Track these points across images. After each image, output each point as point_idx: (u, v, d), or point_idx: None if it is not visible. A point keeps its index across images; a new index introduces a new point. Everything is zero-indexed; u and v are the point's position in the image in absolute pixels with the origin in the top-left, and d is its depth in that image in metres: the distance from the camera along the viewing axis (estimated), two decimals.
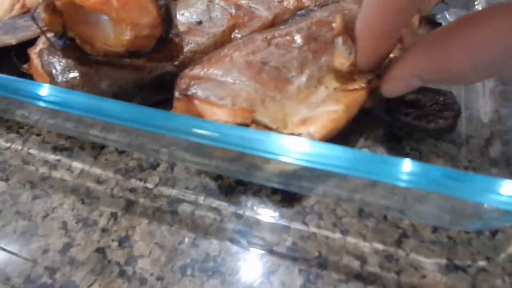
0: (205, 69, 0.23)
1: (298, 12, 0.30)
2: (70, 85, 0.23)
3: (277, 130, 0.21)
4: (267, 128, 0.21)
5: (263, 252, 0.22)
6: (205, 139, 0.17)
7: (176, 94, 0.22)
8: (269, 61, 0.24)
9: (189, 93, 0.21)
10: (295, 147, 0.16)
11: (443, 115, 0.25)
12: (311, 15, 0.27)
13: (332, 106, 0.22)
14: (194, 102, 0.21)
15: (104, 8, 0.20)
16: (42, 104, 0.19)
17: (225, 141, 0.16)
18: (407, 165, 0.15)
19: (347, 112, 0.22)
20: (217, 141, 0.17)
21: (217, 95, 0.21)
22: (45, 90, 0.19)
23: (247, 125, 0.21)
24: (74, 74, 0.23)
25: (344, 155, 0.16)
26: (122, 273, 0.22)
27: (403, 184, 0.15)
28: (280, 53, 0.24)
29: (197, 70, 0.23)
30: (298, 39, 0.25)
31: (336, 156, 0.16)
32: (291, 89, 0.23)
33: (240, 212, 0.24)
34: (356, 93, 0.23)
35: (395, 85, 0.21)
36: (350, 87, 0.23)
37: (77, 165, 0.26)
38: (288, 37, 0.25)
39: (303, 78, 0.24)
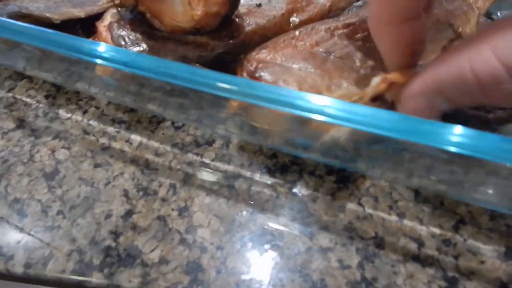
0: (272, 54, 0.23)
1: (355, 3, 0.30)
2: None
3: None
4: None
5: (319, 229, 0.22)
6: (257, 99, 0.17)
7: (244, 75, 0.22)
8: (332, 51, 0.24)
9: (257, 75, 0.22)
10: (353, 109, 0.16)
11: (501, 106, 0.25)
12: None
13: None
14: None
15: None
16: (115, 65, 0.20)
17: (268, 100, 0.17)
18: (460, 130, 0.15)
19: None
20: (265, 100, 0.17)
21: (284, 80, 0.22)
22: (119, 51, 0.20)
23: None
24: (142, 47, 0.24)
25: (397, 117, 0.16)
26: (182, 241, 0.22)
27: (455, 150, 0.15)
28: (343, 44, 0.25)
29: (263, 55, 0.24)
30: (361, 30, 0.25)
31: (388, 118, 0.16)
32: (357, 77, 0.23)
33: (295, 190, 0.24)
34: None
35: (412, 105, 0.17)
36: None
37: (135, 137, 0.27)
38: (350, 29, 0.26)
39: (368, 69, 0.24)
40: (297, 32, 0.25)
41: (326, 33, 0.25)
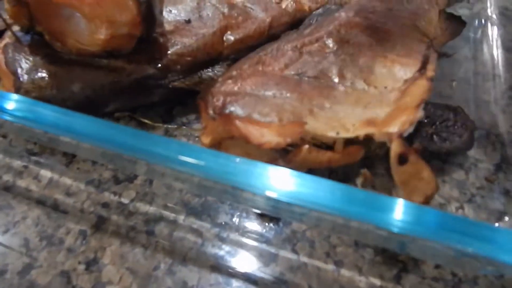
0: (239, 84, 0.21)
1: (315, 12, 0.27)
2: (37, 86, 0.21)
3: (337, 137, 0.19)
4: (323, 138, 0.20)
5: (247, 283, 0.20)
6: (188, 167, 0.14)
7: (211, 113, 0.20)
8: (305, 72, 0.22)
9: (227, 111, 0.19)
10: (275, 181, 0.14)
11: (456, 132, 0.23)
12: (335, 16, 0.25)
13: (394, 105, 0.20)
14: (235, 122, 0.19)
15: (74, 3, 0.18)
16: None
17: (204, 171, 0.14)
18: (399, 209, 0.13)
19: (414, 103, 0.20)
20: (198, 169, 0.14)
21: (260, 111, 0.19)
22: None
23: (297, 145, 0.19)
24: (42, 74, 0.21)
25: (332, 194, 0.14)
26: None
27: (395, 230, 0.13)
28: (315, 61, 0.23)
29: (230, 86, 0.21)
30: (331, 43, 0.23)
31: (322, 194, 0.13)
32: (338, 94, 0.21)
33: (224, 235, 0.21)
34: (417, 85, 0.21)
35: None
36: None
37: (45, 173, 0.24)
38: (319, 43, 0.23)
39: (347, 83, 0.22)
40: (261, 55, 0.23)
41: (294, 53, 0.23)
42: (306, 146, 0.18)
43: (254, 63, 0.22)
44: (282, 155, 0.19)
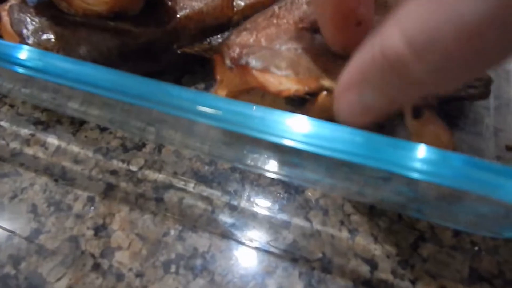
0: (254, 36, 0.20)
1: None
2: (43, 48, 0.20)
3: None
4: None
5: (258, 250, 0.19)
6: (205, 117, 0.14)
7: (227, 63, 0.19)
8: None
9: (243, 62, 0.19)
10: (289, 127, 0.13)
11: (472, 84, 0.22)
12: None
13: None
14: (252, 71, 0.18)
15: None
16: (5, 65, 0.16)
17: (217, 119, 0.13)
18: (420, 152, 0.12)
19: None
20: (213, 119, 0.14)
21: (276, 65, 0.19)
22: (9, 48, 0.16)
23: (316, 93, 0.18)
24: (48, 35, 0.20)
25: (347, 136, 0.13)
26: (96, 267, 0.19)
27: (415, 175, 0.12)
28: None
29: (245, 37, 0.20)
30: None
31: (336, 137, 0.13)
32: None
33: (235, 203, 0.21)
34: None
35: (344, 102, 0.14)
36: None
37: (52, 141, 0.23)
38: None
39: None
40: (276, 9, 0.22)
41: (309, 7, 0.22)
42: (325, 92, 0.18)
43: (268, 16, 0.21)
44: (300, 108, 0.19)
